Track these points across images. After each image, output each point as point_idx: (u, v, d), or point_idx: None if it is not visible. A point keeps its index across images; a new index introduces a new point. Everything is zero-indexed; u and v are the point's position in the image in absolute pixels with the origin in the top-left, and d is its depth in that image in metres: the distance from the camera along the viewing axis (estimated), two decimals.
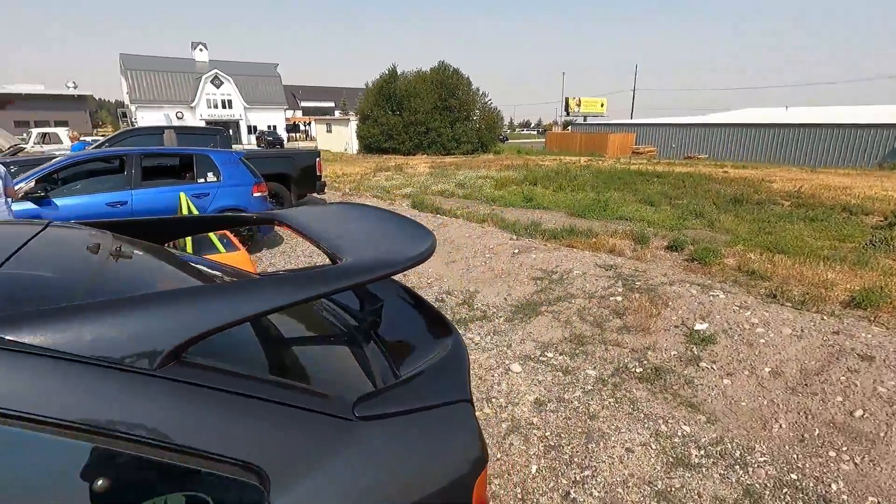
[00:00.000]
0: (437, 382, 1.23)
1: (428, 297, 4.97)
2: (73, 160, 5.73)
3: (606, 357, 3.60)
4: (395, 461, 1.06)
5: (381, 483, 1.02)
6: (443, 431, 1.14)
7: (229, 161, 6.49)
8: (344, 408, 1.05)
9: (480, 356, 3.70)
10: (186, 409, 0.89)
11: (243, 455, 0.90)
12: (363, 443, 1.03)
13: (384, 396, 1.14)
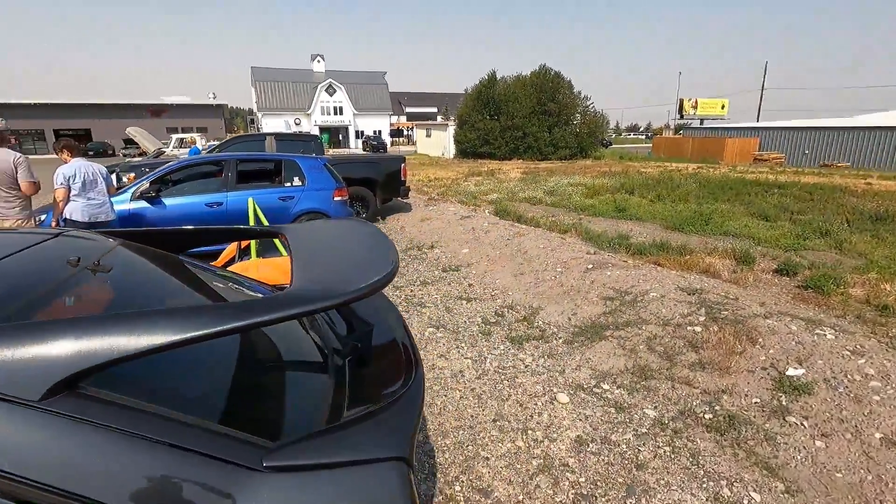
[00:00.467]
0: (375, 432, 1.09)
1: (487, 310, 4.80)
2: (182, 164, 6.43)
3: (671, 397, 3.17)
4: None
5: None
6: (364, 494, 1.00)
7: (314, 166, 6.85)
8: (252, 456, 0.96)
9: (527, 380, 3.46)
10: (65, 445, 0.85)
11: (116, 501, 0.84)
12: (266, 499, 0.93)
13: (306, 445, 1.03)
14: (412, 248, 7.37)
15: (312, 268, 1.30)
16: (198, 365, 1.17)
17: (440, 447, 2.73)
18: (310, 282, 1.20)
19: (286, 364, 1.39)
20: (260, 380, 1.26)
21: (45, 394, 0.85)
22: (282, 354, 1.46)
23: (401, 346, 1.55)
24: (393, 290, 5.43)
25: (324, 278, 1.19)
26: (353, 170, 9.35)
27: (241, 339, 1.35)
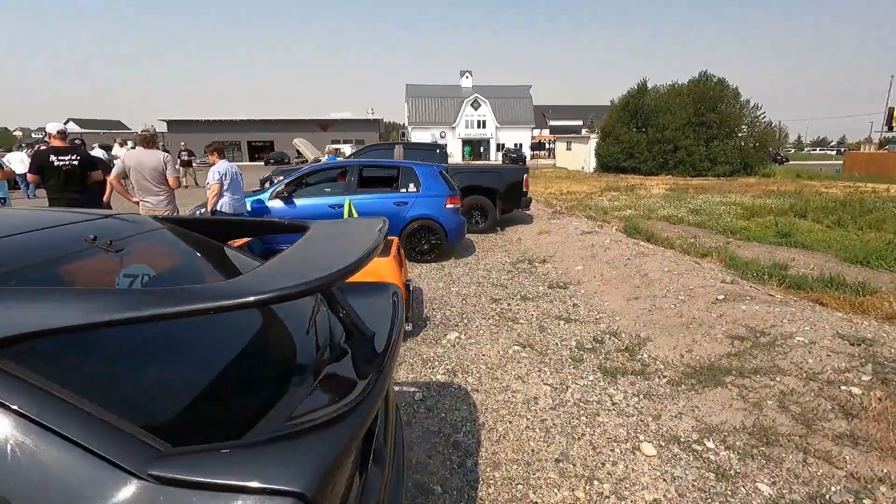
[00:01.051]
0: (280, 456, 0.93)
1: (586, 334, 4.33)
2: (313, 169, 7.06)
3: (800, 474, 2.44)
4: None
5: None
6: None
7: (429, 174, 6.98)
8: (136, 459, 0.86)
9: (610, 420, 2.98)
10: None
11: None
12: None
13: (204, 457, 0.91)
14: (522, 262, 7.07)
15: (281, 265, 1.19)
16: (132, 347, 1.13)
17: (486, 479, 2.45)
18: (255, 275, 1.09)
19: (237, 360, 1.29)
20: (196, 373, 1.18)
21: None
22: (234, 348, 1.36)
23: (367, 363, 1.36)
24: (490, 302, 5.23)
25: (276, 276, 1.06)
26: (474, 179, 9.38)
27: (191, 326, 1.27)
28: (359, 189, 6.82)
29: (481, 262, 7.03)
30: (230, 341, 1.34)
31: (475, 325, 4.57)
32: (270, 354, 1.43)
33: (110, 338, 1.08)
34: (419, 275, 6.33)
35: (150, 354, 1.14)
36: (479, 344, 4.12)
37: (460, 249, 7.88)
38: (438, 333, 4.35)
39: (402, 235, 6.77)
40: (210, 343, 1.29)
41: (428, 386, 3.40)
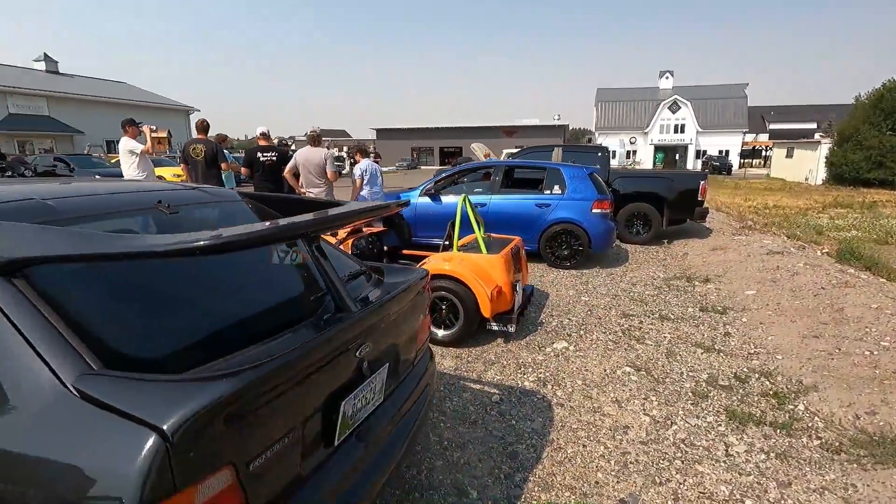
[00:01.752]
0: (169, 395, 1.01)
1: (726, 369, 3.59)
2: (461, 169, 7.32)
3: None
4: (45, 451, 0.97)
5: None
6: (107, 445, 0.94)
7: (577, 176, 6.61)
8: (70, 370, 1.03)
9: (713, 472, 2.42)
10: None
11: None
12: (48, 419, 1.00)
13: (117, 382, 1.04)
14: (679, 279, 6.19)
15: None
16: (112, 279, 1.33)
17: (530, 499, 2.23)
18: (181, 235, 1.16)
19: (198, 306, 1.41)
20: (160, 312, 1.33)
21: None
22: (201, 296, 1.48)
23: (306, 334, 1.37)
24: (619, 317, 4.72)
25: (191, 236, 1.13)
26: (637, 185, 8.58)
27: (169, 270, 1.44)
28: (502, 189, 6.83)
29: (628, 275, 6.38)
30: (202, 289, 1.50)
31: (591, 338, 4.17)
32: (232, 307, 1.53)
33: (95, 269, 1.30)
34: (552, 280, 6.05)
35: (126, 289, 1.35)
36: (587, 358, 3.76)
37: (609, 259, 7.28)
38: (546, 341, 4.09)
39: (540, 239, 6.56)
40: (179, 289, 1.46)
41: (511, 390, 3.24)
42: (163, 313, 1.35)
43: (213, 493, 1.02)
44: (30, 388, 1.02)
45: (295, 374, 1.21)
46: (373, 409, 1.66)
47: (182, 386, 1.02)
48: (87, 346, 1.08)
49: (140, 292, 1.36)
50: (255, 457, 1.11)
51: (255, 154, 6.63)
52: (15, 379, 1.03)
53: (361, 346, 1.50)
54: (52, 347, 1.05)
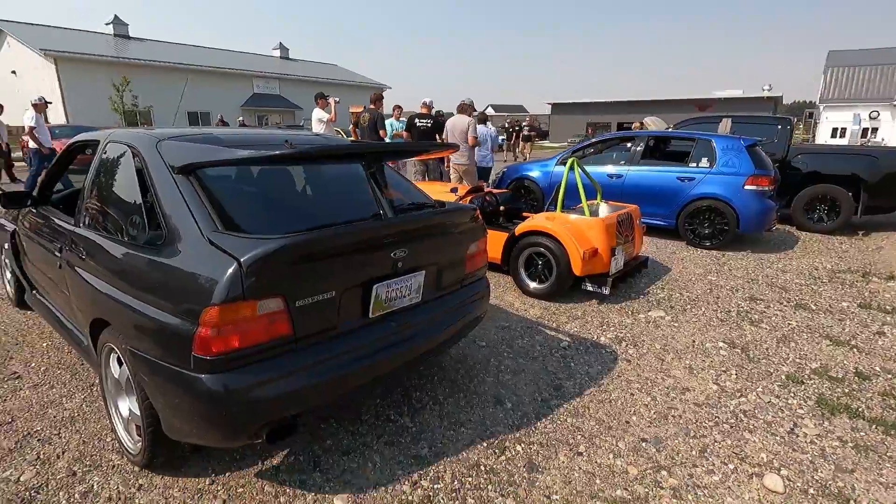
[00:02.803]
0: (251, 245, 1.64)
1: (846, 363, 3.20)
2: (600, 139, 7.19)
3: None
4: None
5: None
6: (204, 263, 1.63)
7: (731, 148, 6.00)
8: (206, 228, 1.75)
9: (761, 441, 2.34)
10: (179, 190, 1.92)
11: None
12: (193, 251, 1.72)
13: (227, 236, 1.72)
14: (852, 272, 5.27)
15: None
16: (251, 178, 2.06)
17: (557, 418, 2.49)
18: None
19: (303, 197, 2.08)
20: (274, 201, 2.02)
21: (180, 170, 1.93)
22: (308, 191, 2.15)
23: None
24: (744, 299, 4.36)
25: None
26: (823, 163, 7.27)
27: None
28: (642, 160, 6.55)
29: (783, 262, 5.64)
30: (285, 189, 2.17)
31: (696, 312, 4.00)
32: (305, 203, 2.17)
33: (224, 174, 2.03)
34: (683, 258, 5.70)
35: (240, 187, 2.05)
36: (679, 329, 3.67)
37: (765, 243, 6.47)
38: (642, 307, 4.07)
39: (679, 214, 6.17)
40: (271, 188, 2.13)
41: (582, 341, 3.42)
42: (259, 202, 2.05)
43: (269, 311, 1.64)
44: (188, 235, 1.76)
45: (330, 248, 1.77)
46: (409, 305, 2.16)
47: (257, 241, 1.64)
48: (217, 216, 1.79)
49: (247, 188, 2.08)
50: (299, 298, 1.71)
51: (414, 120, 7.58)
52: (182, 230, 1.78)
53: (396, 248, 2.00)
54: (202, 216, 1.78)
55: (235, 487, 1.95)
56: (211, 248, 1.66)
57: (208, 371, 1.58)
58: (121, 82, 20.46)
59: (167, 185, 1.90)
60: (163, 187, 1.91)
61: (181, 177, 1.90)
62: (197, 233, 1.73)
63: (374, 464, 2.12)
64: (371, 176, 2.10)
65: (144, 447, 1.90)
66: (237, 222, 1.81)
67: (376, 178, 2.10)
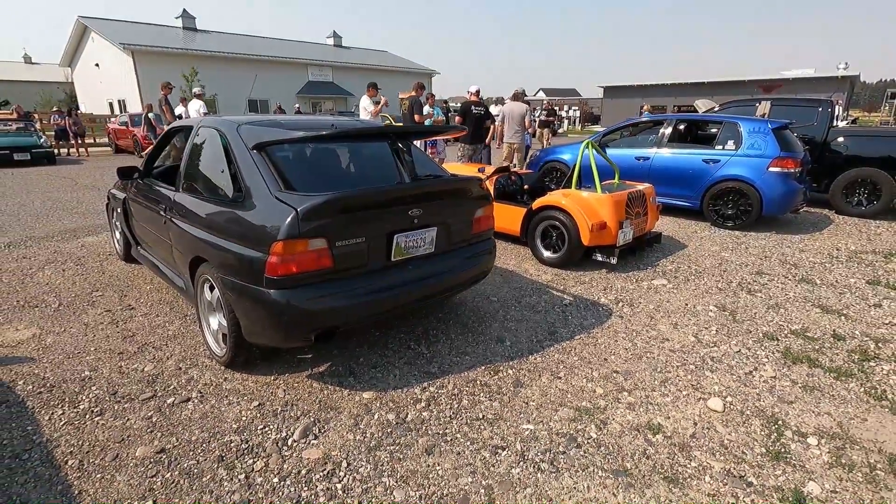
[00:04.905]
0: (307, 200, 2.28)
1: (828, 327, 3.52)
2: (632, 122, 7.44)
3: None
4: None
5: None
6: (273, 211, 2.29)
7: (757, 130, 6.15)
8: (274, 188, 2.42)
9: (717, 378, 2.79)
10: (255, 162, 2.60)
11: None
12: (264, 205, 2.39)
13: (287, 193, 2.37)
14: (872, 253, 5.39)
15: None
16: (306, 155, 2.71)
17: (546, 353, 3.03)
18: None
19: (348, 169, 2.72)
20: (326, 170, 2.67)
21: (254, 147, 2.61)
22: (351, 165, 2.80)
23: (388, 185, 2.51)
24: (750, 274, 4.65)
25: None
26: (866, 145, 7.20)
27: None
28: (669, 143, 6.78)
29: (805, 242, 5.80)
30: (330, 161, 2.81)
31: (698, 282, 4.37)
32: (344, 171, 2.80)
33: (286, 149, 2.69)
34: (703, 236, 5.96)
35: (298, 159, 2.70)
36: (677, 294, 4.07)
37: (794, 225, 6.58)
38: (647, 276, 4.48)
39: (704, 196, 6.40)
40: (318, 160, 2.78)
41: (583, 300, 3.90)
42: (310, 170, 2.72)
43: (317, 248, 2.28)
44: (261, 194, 2.42)
45: (362, 204, 2.39)
46: (425, 254, 2.76)
47: (309, 197, 2.28)
48: (281, 180, 2.45)
49: (302, 160, 2.74)
50: (338, 240, 2.34)
51: (469, 107, 8.21)
52: (256, 190, 2.45)
53: (413, 207, 2.59)
54: (270, 180, 2.44)
55: (292, 383, 2.64)
56: (277, 202, 2.32)
57: (276, 287, 2.25)
58: (190, 73, 22.11)
59: (245, 158, 2.58)
60: (242, 160, 2.59)
61: (255, 152, 2.57)
62: (266, 192, 2.39)
63: (395, 375, 2.75)
64: (394, 151, 2.70)
65: (229, 349, 2.61)
66: (294, 185, 2.47)
67: (399, 154, 2.71)
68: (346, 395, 2.56)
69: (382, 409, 2.43)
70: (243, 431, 2.23)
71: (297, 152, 2.82)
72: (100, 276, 4.30)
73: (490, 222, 3.22)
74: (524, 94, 8.77)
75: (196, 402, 2.46)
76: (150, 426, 2.26)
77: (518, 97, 8.66)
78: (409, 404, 2.49)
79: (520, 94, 8.69)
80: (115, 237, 4.69)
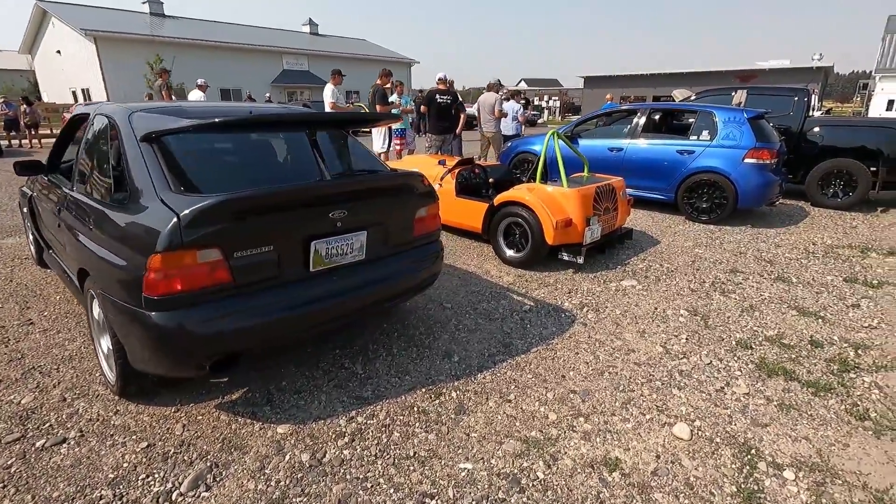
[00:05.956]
0: (193, 200, 1.89)
1: (805, 331, 3.26)
2: (600, 112, 7.14)
3: None
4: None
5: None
6: (150, 214, 1.89)
7: (732, 120, 5.88)
8: (160, 188, 2.01)
9: (685, 397, 2.48)
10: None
11: None
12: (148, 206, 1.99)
13: (174, 194, 1.97)
14: (848, 248, 5.18)
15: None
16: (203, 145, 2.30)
17: (498, 371, 2.70)
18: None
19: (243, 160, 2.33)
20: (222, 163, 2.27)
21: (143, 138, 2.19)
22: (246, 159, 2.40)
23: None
24: (724, 272, 4.38)
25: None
26: (841, 136, 7.01)
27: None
28: (642, 133, 6.49)
29: (781, 236, 5.57)
30: (228, 153, 2.40)
31: (669, 283, 4.08)
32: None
33: (203, 139, 2.30)
34: (677, 231, 5.70)
35: (189, 152, 2.29)
36: (647, 297, 3.78)
37: (769, 218, 6.37)
38: (616, 276, 4.18)
39: (678, 188, 6.13)
40: (215, 153, 2.38)
41: (545, 305, 3.58)
42: (212, 166, 2.30)
43: (208, 260, 1.89)
44: (146, 194, 2.02)
45: (265, 206, 2.00)
46: (354, 262, 2.38)
47: (196, 199, 1.88)
48: (172, 178, 2.04)
49: (202, 154, 2.33)
50: (238, 250, 1.95)
51: (434, 95, 7.72)
52: (142, 190, 2.04)
53: (334, 209, 2.21)
54: (158, 177, 2.03)
55: (195, 415, 2.25)
56: (160, 205, 1.92)
57: (156, 309, 1.85)
58: (154, 60, 21.16)
59: (133, 151, 2.16)
60: (130, 153, 2.17)
61: (145, 144, 2.16)
62: (152, 192, 1.99)
63: (321, 402, 2.39)
64: (315, 143, 2.30)
65: (117, 377, 2.22)
66: (189, 183, 2.06)
67: (322, 145, 2.31)
68: (258, 429, 2.18)
69: (297, 448, 2.07)
70: (119, 483, 1.85)
71: (197, 145, 2.41)
72: (5, 285, 3.82)
73: (436, 223, 2.86)
74: (499, 85, 8.54)
75: (72, 444, 2.06)
76: (4, 480, 1.86)
77: (492, 87, 8.37)
78: (329, 440, 2.13)
79: (493, 85, 8.39)
80: (29, 238, 4.20)
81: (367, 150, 2.93)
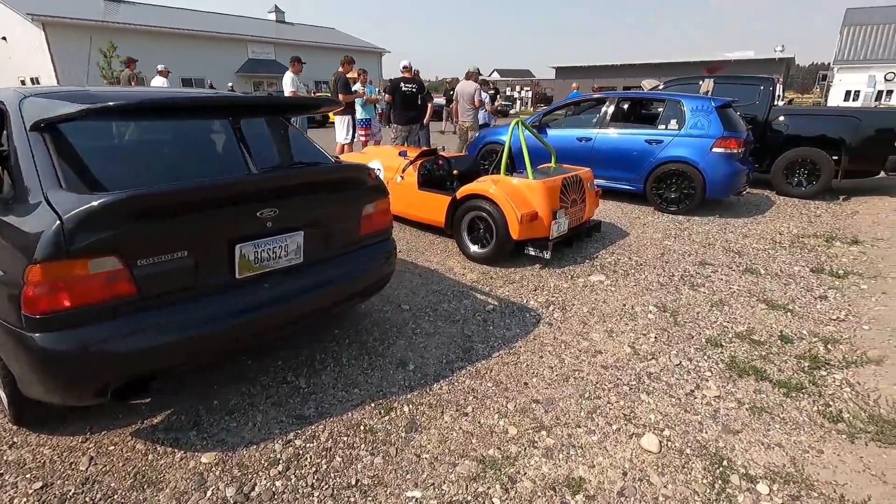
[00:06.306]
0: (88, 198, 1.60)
1: (775, 326, 3.15)
2: (568, 101, 7.00)
3: None
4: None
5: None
6: (36, 215, 1.60)
7: (700, 109, 5.79)
8: (49, 185, 1.71)
9: (654, 402, 2.33)
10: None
11: None
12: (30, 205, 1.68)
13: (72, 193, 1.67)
14: (814, 237, 5.16)
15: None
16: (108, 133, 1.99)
17: (455, 380, 2.49)
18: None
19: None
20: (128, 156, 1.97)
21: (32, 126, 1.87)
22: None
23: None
24: (693, 264, 4.28)
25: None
26: (806, 125, 7.03)
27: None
28: (611, 123, 6.35)
29: (748, 227, 5.53)
30: (135, 144, 2.11)
31: (638, 277, 3.94)
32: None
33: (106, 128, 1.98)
34: (646, 222, 5.59)
35: (87, 145, 1.98)
36: (615, 293, 3.63)
37: (737, 208, 6.34)
38: (583, 271, 4.02)
39: (647, 179, 6.03)
40: (120, 144, 2.07)
41: (510, 305, 3.39)
42: (116, 159, 2.00)
43: (104, 270, 1.60)
44: (32, 192, 1.71)
45: (173, 206, 1.72)
46: (289, 266, 2.12)
47: (85, 199, 1.59)
48: (63, 174, 1.74)
49: (103, 146, 2.02)
50: (141, 257, 1.67)
51: (399, 84, 7.42)
52: (29, 187, 1.73)
53: (263, 207, 1.94)
54: (47, 172, 1.73)
55: (107, 445, 1.97)
56: (44, 205, 1.62)
57: (39, 329, 1.56)
58: (108, 48, 20.05)
59: (21, 142, 1.84)
60: (18, 144, 1.85)
61: (34, 133, 1.84)
62: (38, 190, 1.68)
63: (255, 423, 2.13)
64: (239, 131, 2.02)
65: (9, 404, 1.91)
66: (84, 180, 1.77)
67: (250, 134, 2.03)
68: (179, 459, 1.92)
69: (222, 480, 1.82)
70: None
71: (98, 136, 2.09)
72: None
73: (386, 219, 2.61)
74: (478, 74, 8.26)
75: None
76: None
77: (471, 76, 8.11)
78: (261, 469, 1.88)
79: (472, 73, 8.12)
80: None
81: (309, 141, 2.65)
